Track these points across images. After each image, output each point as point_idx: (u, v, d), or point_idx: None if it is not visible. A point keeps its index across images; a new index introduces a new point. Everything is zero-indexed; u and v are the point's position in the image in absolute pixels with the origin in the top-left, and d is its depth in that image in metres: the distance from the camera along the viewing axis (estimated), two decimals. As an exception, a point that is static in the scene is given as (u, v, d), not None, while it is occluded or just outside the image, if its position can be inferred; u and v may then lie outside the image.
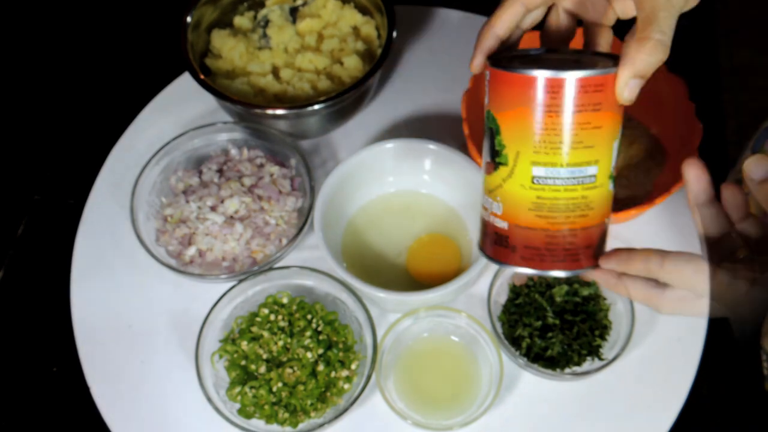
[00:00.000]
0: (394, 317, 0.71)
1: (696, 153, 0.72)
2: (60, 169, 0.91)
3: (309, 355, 0.69)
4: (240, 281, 0.72)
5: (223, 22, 0.89)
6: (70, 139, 0.94)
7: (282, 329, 0.70)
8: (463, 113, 0.75)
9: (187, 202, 0.77)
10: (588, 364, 0.70)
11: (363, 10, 0.89)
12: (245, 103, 0.79)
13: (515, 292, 0.73)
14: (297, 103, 0.82)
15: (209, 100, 0.88)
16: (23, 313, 0.81)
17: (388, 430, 0.69)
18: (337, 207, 0.76)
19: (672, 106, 0.78)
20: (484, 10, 0.95)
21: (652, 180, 0.79)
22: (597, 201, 0.49)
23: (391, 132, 0.88)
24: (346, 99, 0.79)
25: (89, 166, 0.87)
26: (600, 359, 0.70)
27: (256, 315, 0.71)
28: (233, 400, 0.68)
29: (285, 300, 0.72)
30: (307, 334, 0.70)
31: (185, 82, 0.91)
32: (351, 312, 0.72)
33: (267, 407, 0.67)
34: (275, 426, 0.68)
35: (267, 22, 0.91)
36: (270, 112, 0.78)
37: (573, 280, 0.73)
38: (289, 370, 0.68)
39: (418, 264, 0.77)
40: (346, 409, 0.66)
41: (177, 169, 0.81)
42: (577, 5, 0.53)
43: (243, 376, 0.69)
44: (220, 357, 0.70)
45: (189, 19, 0.84)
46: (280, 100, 0.84)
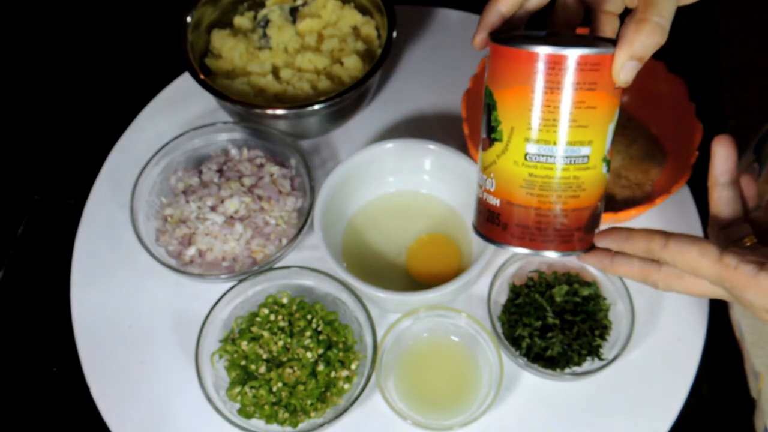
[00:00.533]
0: (394, 317, 0.71)
1: (696, 153, 0.72)
2: (60, 169, 0.91)
3: (309, 355, 0.69)
4: (240, 281, 0.72)
5: (223, 22, 0.89)
6: (70, 139, 0.94)
7: (282, 329, 0.70)
8: (463, 113, 0.75)
9: (187, 202, 0.77)
10: (588, 364, 0.70)
11: (363, 10, 0.89)
12: (245, 103, 0.79)
13: (515, 292, 0.73)
14: (297, 103, 0.82)
15: (209, 100, 0.88)
16: (23, 313, 0.81)
17: (388, 430, 0.69)
18: (337, 207, 0.76)
19: (672, 106, 0.78)
20: (484, 10, 0.95)
21: (652, 180, 0.79)
22: (589, 182, 0.48)
23: (391, 132, 0.88)
24: (346, 99, 0.79)
25: (89, 166, 0.87)
26: (600, 359, 0.70)
27: (256, 315, 0.71)
28: (233, 400, 0.68)
29: (285, 300, 0.72)
30: (307, 334, 0.70)
31: (185, 82, 0.91)
32: (351, 312, 0.72)
33: (267, 407, 0.67)
34: (275, 426, 0.68)
35: (267, 22, 0.91)
36: (270, 112, 0.78)
37: (573, 279, 0.73)
38: (289, 370, 0.68)
39: (418, 264, 0.77)
40: (346, 409, 0.66)
41: (177, 169, 0.81)
42: None
43: (243, 376, 0.69)
44: (220, 357, 0.70)
45: (189, 19, 0.84)
46: (280, 100, 0.84)
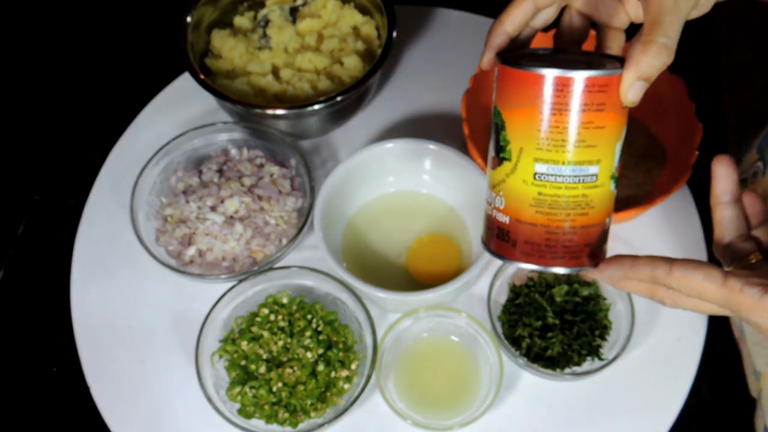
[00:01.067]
0: (394, 317, 0.71)
1: (696, 153, 0.72)
2: (60, 169, 0.91)
3: (309, 355, 0.69)
4: (240, 281, 0.72)
5: (223, 22, 0.89)
6: (70, 139, 0.94)
7: (282, 329, 0.70)
8: (463, 113, 0.75)
9: (187, 202, 0.77)
10: (588, 364, 0.70)
11: (363, 10, 0.89)
12: (245, 103, 0.79)
13: (515, 292, 0.73)
14: (297, 103, 0.82)
15: (209, 100, 0.88)
16: (23, 313, 0.81)
17: (388, 430, 0.69)
18: (337, 207, 0.76)
19: (672, 106, 0.78)
20: (484, 10, 0.95)
21: (652, 180, 0.79)
22: (597, 200, 0.49)
23: (391, 132, 0.88)
24: (346, 99, 0.79)
25: (89, 166, 0.87)
26: (600, 359, 0.70)
27: (256, 315, 0.71)
28: (233, 400, 0.68)
29: (285, 300, 0.72)
30: (307, 334, 0.70)
31: (185, 82, 0.91)
32: (351, 312, 0.72)
33: (267, 407, 0.67)
34: (275, 426, 0.68)
35: (267, 22, 0.91)
36: (270, 112, 0.78)
37: (573, 279, 0.73)
38: (289, 370, 0.68)
39: (418, 264, 0.77)
40: (346, 409, 0.66)
41: (177, 169, 0.81)
42: (589, 6, 0.54)
43: (243, 376, 0.69)
44: (220, 357, 0.70)
45: (189, 19, 0.84)
46: (280, 100, 0.84)
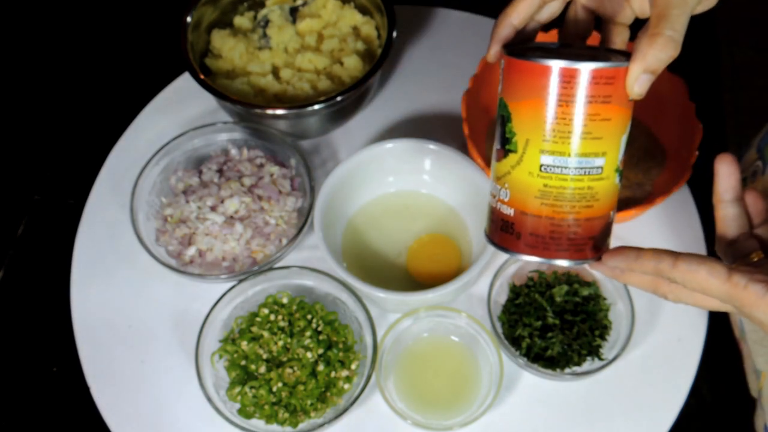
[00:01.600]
0: (394, 317, 0.71)
1: (696, 153, 0.72)
2: (60, 169, 0.91)
3: (309, 355, 0.69)
4: (240, 281, 0.72)
5: (223, 22, 0.89)
6: (70, 139, 0.94)
7: (282, 329, 0.70)
8: (463, 113, 0.75)
9: (187, 202, 0.77)
10: (588, 364, 0.70)
11: (363, 10, 0.89)
12: (245, 103, 0.79)
13: (515, 292, 0.73)
14: (297, 103, 0.82)
15: (209, 100, 0.88)
16: (23, 313, 0.81)
17: (388, 430, 0.69)
18: (337, 207, 0.76)
19: (672, 106, 0.78)
20: (484, 10, 0.95)
21: (652, 180, 0.79)
22: (603, 193, 0.49)
23: (391, 132, 0.88)
24: (346, 99, 0.79)
25: (89, 166, 0.87)
26: (600, 359, 0.70)
27: (256, 315, 0.71)
28: (233, 400, 0.68)
29: (285, 300, 0.72)
30: (307, 334, 0.70)
31: (185, 82, 0.91)
32: (351, 312, 0.72)
33: (267, 407, 0.67)
34: (275, 426, 0.68)
35: (267, 22, 0.91)
36: (270, 112, 0.78)
37: (573, 280, 0.73)
38: (289, 370, 0.68)
39: (418, 264, 0.77)
40: (346, 409, 0.66)
41: (177, 169, 0.81)
42: (594, 0, 0.54)
43: (243, 376, 0.69)
44: (220, 357, 0.70)
45: (189, 19, 0.84)
46: (280, 100, 0.84)
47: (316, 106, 0.78)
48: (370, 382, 0.67)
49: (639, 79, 0.46)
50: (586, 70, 0.46)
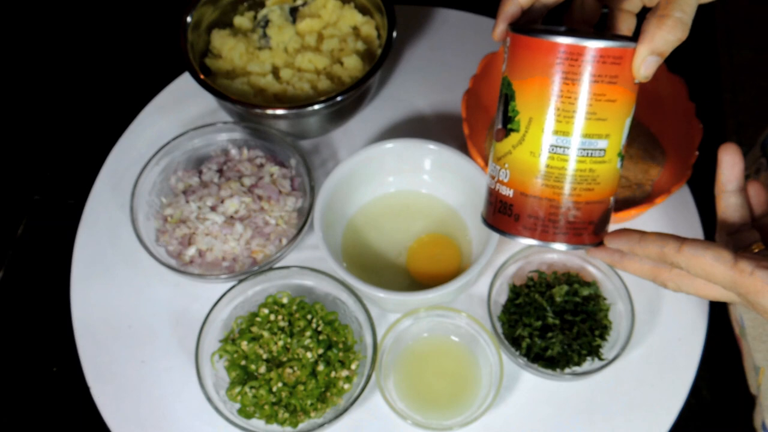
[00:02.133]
0: (394, 317, 0.71)
1: (696, 153, 0.72)
2: (60, 169, 0.91)
3: (309, 355, 0.69)
4: (240, 281, 0.72)
5: (223, 22, 0.89)
6: (70, 139, 0.94)
7: (282, 329, 0.70)
8: (463, 113, 0.75)
9: (187, 202, 0.77)
10: (588, 364, 0.70)
11: (363, 10, 0.89)
12: (245, 103, 0.79)
13: (515, 292, 0.73)
14: (297, 103, 0.82)
15: (209, 100, 0.88)
16: (23, 313, 0.81)
17: (388, 430, 0.69)
18: (337, 207, 0.76)
19: (672, 106, 0.78)
20: (484, 10, 0.95)
21: (652, 180, 0.79)
22: (604, 176, 0.49)
23: (391, 132, 0.88)
24: (346, 99, 0.79)
25: (89, 166, 0.87)
26: (600, 359, 0.70)
27: (256, 315, 0.71)
28: (233, 400, 0.68)
29: (285, 300, 0.72)
30: (307, 334, 0.70)
31: (185, 82, 0.91)
32: (351, 312, 0.72)
33: (267, 407, 0.67)
34: (275, 426, 0.68)
35: (267, 22, 0.91)
36: (270, 112, 0.78)
37: (573, 279, 0.73)
38: (289, 370, 0.68)
39: (418, 264, 0.77)
40: (346, 409, 0.66)
41: (177, 169, 0.81)
42: None
43: (243, 376, 0.69)
44: (220, 357, 0.70)
45: (189, 19, 0.84)
46: (280, 100, 0.84)
47: (316, 106, 0.78)
48: (370, 382, 0.67)
49: (646, 60, 0.45)
50: (593, 47, 0.45)
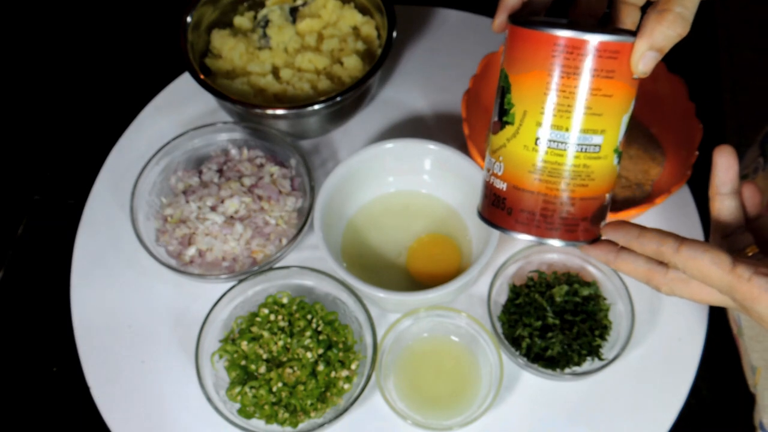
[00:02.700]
0: (394, 317, 0.71)
1: (696, 153, 0.72)
2: (60, 169, 0.91)
3: (309, 355, 0.69)
4: (240, 281, 0.72)
5: (223, 22, 0.89)
6: (70, 139, 0.94)
7: (282, 329, 0.70)
8: (463, 113, 0.75)
9: (187, 202, 0.77)
10: (588, 364, 0.70)
11: (363, 10, 0.89)
12: (245, 103, 0.79)
13: (515, 292, 0.73)
14: (297, 103, 0.83)
15: (209, 100, 0.88)
16: (23, 313, 0.81)
17: (388, 430, 0.69)
18: (337, 207, 0.76)
19: (672, 106, 0.78)
20: (484, 10, 0.95)
21: (652, 180, 0.79)
22: (599, 172, 0.48)
23: (391, 132, 0.88)
24: (346, 99, 0.79)
25: (89, 166, 0.87)
26: (600, 359, 0.70)
27: (256, 315, 0.71)
28: (233, 400, 0.68)
29: (285, 300, 0.72)
30: (307, 334, 0.70)
31: (185, 82, 0.91)
32: (351, 312, 0.72)
33: (267, 407, 0.67)
34: (275, 426, 0.68)
35: (267, 22, 0.91)
36: (270, 112, 0.78)
37: (573, 279, 0.73)
38: (289, 370, 0.68)
39: (418, 264, 0.77)
40: (346, 409, 0.66)
41: (177, 169, 0.81)
42: None
43: (243, 376, 0.69)
44: (220, 357, 0.70)
45: (189, 19, 0.84)
46: (280, 100, 0.84)
47: (316, 106, 0.78)
48: (370, 382, 0.67)
49: (644, 56, 0.45)
50: (590, 41, 0.45)
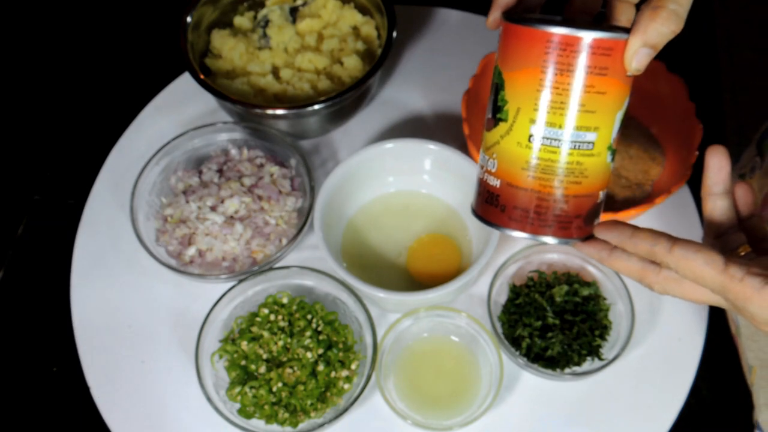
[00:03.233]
0: (394, 317, 0.71)
1: (696, 153, 0.72)
2: (60, 169, 0.91)
3: (309, 355, 0.69)
4: (240, 281, 0.72)
5: (223, 22, 0.89)
6: (70, 139, 0.94)
7: (282, 329, 0.70)
8: (463, 113, 0.75)
9: (187, 202, 0.77)
10: (588, 364, 0.70)
11: (363, 10, 0.89)
12: (245, 103, 0.79)
13: (515, 292, 0.73)
14: (297, 103, 0.83)
15: (209, 100, 0.88)
16: (23, 313, 0.81)
17: (388, 430, 0.69)
18: (337, 207, 0.76)
19: (672, 106, 0.78)
20: (484, 10, 0.95)
21: (652, 180, 0.79)
22: (592, 169, 0.48)
23: (391, 132, 0.88)
24: (346, 99, 0.79)
25: (89, 166, 0.87)
26: (600, 359, 0.70)
27: (256, 315, 0.71)
28: (233, 400, 0.68)
29: (285, 300, 0.72)
30: (307, 334, 0.70)
31: (185, 82, 0.91)
32: (351, 312, 0.72)
33: (267, 407, 0.67)
34: (275, 426, 0.68)
35: (267, 22, 0.91)
36: (270, 112, 0.78)
37: (573, 279, 0.73)
38: (289, 370, 0.68)
39: (418, 264, 0.77)
40: (346, 409, 0.66)
41: (177, 169, 0.81)
42: None
43: (243, 376, 0.69)
44: (220, 357, 0.70)
45: (189, 19, 0.84)
46: (280, 100, 0.84)
47: (316, 106, 0.78)
48: (370, 382, 0.67)
49: (638, 53, 0.44)
50: (585, 38, 0.44)
